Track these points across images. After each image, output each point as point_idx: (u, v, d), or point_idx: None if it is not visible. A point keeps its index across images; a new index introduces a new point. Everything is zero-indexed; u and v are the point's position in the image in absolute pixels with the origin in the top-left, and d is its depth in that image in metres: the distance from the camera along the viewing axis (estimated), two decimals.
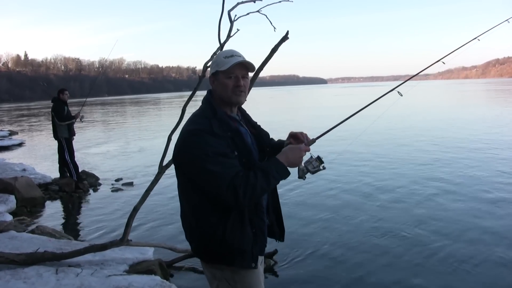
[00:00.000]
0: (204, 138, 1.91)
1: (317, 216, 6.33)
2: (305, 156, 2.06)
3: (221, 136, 1.94)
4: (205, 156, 1.88)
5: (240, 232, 2.00)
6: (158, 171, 4.28)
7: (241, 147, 2.00)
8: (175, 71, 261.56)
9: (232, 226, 1.99)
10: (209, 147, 1.89)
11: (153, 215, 6.68)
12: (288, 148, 2.05)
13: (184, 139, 1.98)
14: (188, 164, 1.97)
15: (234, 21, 4.22)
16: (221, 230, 1.98)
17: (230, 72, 2.01)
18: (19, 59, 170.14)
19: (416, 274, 4.38)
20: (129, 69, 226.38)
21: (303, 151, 2.04)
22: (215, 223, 1.99)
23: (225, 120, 2.02)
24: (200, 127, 1.95)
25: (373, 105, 2.34)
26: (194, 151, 1.92)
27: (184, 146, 1.97)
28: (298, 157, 2.02)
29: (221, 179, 1.86)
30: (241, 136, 2.03)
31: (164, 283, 3.82)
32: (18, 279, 3.71)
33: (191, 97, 4.36)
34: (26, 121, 33.35)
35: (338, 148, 11.87)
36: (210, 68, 2.12)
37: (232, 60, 2.01)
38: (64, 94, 8.80)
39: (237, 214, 1.99)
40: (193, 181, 1.99)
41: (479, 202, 6.68)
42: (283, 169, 1.97)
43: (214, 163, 1.87)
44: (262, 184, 1.90)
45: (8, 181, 7.67)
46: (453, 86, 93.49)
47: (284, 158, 1.99)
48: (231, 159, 1.93)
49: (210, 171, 1.87)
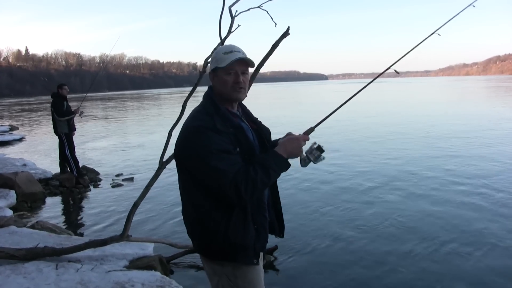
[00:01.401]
0: (207, 135, 1.90)
1: (318, 212, 6.34)
2: (305, 145, 2.03)
3: (223, 133, 1.93)
4: (209, 153, 1.87)
5: (243, 228, 2.00)
6: (159, 167, 4.28)
7: (243, 143, 1.99)
8: (176, 67, 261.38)
9: (235, 223, 1.98)
10: (212, 144, 1.88)
11: (153, 211, 6.68)
12: (287, 139, 2.03)
13: (187, 135, 1.97)
14: (191, 161, 1.96)
15: (235, 16, 4.21)
16: (223, 227, 1.98)
17: (229, 68, 1.99)
18: (20, 54, 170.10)
19: (418, 272, 4.37)
20: (130, 65, 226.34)
21: (302, 141, 2.02)
22: (218, 220, 1.99)
23: (228, 117, 2.00)
24: (203, 123, 1.94)
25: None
26: (197, 148, 1.91)
27: (188, 142, 1.96)
28: (297, 147, 2.00)
29: (225, 176, 1.85)
30: (243, 132, 2.02)
31: (164, 279, 3.82)
32: (18, 274, 3.71)
33: (191, 93, 4.35)
34: (27, 116, 33.36)
35: (337, 144, 11.90)
36: (210, 64, 2.10)
37: (231, 56, 1.99)
38: (63, 89, 8.76)
39: (239, 211, 1.98)
40: (195, 177, 1.98)
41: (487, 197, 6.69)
42: (283, 161, 1.96)
43: (218, 160, 1.86)
44: (263, 178, 1.89)
45: (9, 176, 7.68)
46: (454, 83, 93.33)
47: (283, 150, 1.97)
48: (234, 155, 1.92)
49: (213, 168, 1.86)
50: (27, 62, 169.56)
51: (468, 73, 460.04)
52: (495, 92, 46.60)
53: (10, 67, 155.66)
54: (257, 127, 2.20)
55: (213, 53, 2.09)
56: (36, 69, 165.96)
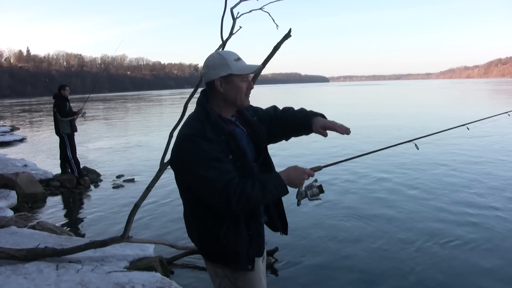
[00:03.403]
0: (196, 143, 1.89)
1: (319, 213, 6.33)
2: (307, 180, 2.03)
3: (214, 141, 1.91)
4: (198, 161, 1.87)
5: (235, 234, 2.00)
6: (159, 168, 4.28)
7: (235, 150, 1.98)
8: (177, 68, 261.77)
9: (227, 228, 1.99)
10: (201, 153, 1.87)
11: (154, 212, 6.68)
12: (293, 167, 2.03)
13: (179, 143, 1.97)
14: (181, 169, 1.98)
15: (237, 18, 4.21)
16: (215, 231, 1.99)
17: (245, 75, 2.01)
18: (21, 54, 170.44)
19: (420, 275, 4.35)
20: (131, 66, 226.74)
21: (306, 175, 2.01)
22: (211, 224, 2.01)
23: (219, 124, 1.98)
24: (193, 131, 1.93)
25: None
26: (186, 156, 1.91)
27: (178, 151, 1.96)
28: (299, 179, 1.99)
29: (214, 184, 1.85)
30: (235, 139, 1.99)
31: (165, 280, 3.82)
32: (19, 275, 3.71)
33: (193, 94, 4.34)
34: (28, 117, 33.40)
35: (343, 147, 11.88)
36: (214, 70, 1.99)
37: (244, 63, 2.01)
38: (65, 90, 8.79)
39: (232, 217, 1.99)
40: (187, 183, 2.00)
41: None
42: (283, 186, 1.95)
43: (207, 168, 1.86)
44: (258, 196, 1.89)
45: (9, 177, 7.69)
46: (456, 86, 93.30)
47: (286, 176, 1.97)
48: (224, 163, 1.91)
49: (202, 177, 1.86)
50: (28, 62, 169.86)
51: (469, 75, 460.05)
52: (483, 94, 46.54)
53: (11, 67, 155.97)
54: (251, 131, 2.17)
55: (215, 60, 2.01)
56: (37, 69, 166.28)
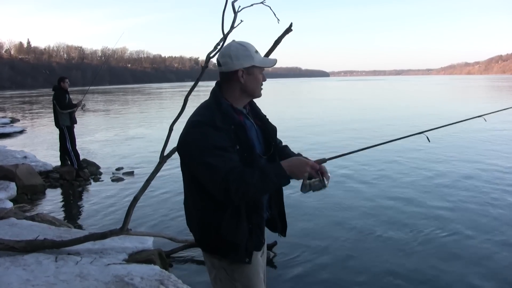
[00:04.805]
0: (203, 130, 1.90)
1: (320, 209, 6.33)
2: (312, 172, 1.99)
3: (223, 129, 1.92)
4: (204, 148, 1.88)
5: (235, 226, 2.00)
6: (159, 161, 4.28)
7: (243, 140, 1.98)
8: (178, 61, 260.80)
9: (228, 220, 1.98)
10: (208, 140, 1.88)
11: (153, 205, 6.69)
12: (297, 158, 2.01)
13: (187, 129, 1.98)
14: (187, 154, 1.98)
15: (238, 12, 4.18)
16: (216, 222, 1.99)
17: (263, 68, 2.09)
18: (22, 46, 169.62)
19: (420, 274, 4.33)
20: (131, 59, 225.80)
21: (309, 167, 1.96)
22: (212, 215, 2.00)
23: (229, 113, 2.00)
24: (202, 119, 1.95)
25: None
26: (193, 142, 1.92)
27: (185, 137, 1.97)
28: (301, 171, 1.96)
29: (216, 172, 1.85)
30: (244, 130, 2.00)
31: (163, 273, 3.82)
32: (18, 266, 3.72)
33: (193, 88, 4.33)
34: (28, 109, 33.36)
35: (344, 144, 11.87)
36: (238, 60, 1.99)
37: (261, 56, 2.08)
38: (64, 82, 8.76)
39: (234, 209, 1.98)
40: (191, 171, 2.00)
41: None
42: (284, 176, 1.92)
43: (211, 156, 1.86)
44: (258, 184, 1.87)
45: (9, 168, 7.68)
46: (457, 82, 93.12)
47: (288, 166, 1.94)
48: (229, 153, 1.91)
49: (205, 163, 1.87)
50: (28, 54, 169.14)
51: (469, 72, 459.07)
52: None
53: (11, 59, 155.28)
54: (262, 125, 2.19)
55: (238, 51, 2.00)
56: (37, 61, 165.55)
